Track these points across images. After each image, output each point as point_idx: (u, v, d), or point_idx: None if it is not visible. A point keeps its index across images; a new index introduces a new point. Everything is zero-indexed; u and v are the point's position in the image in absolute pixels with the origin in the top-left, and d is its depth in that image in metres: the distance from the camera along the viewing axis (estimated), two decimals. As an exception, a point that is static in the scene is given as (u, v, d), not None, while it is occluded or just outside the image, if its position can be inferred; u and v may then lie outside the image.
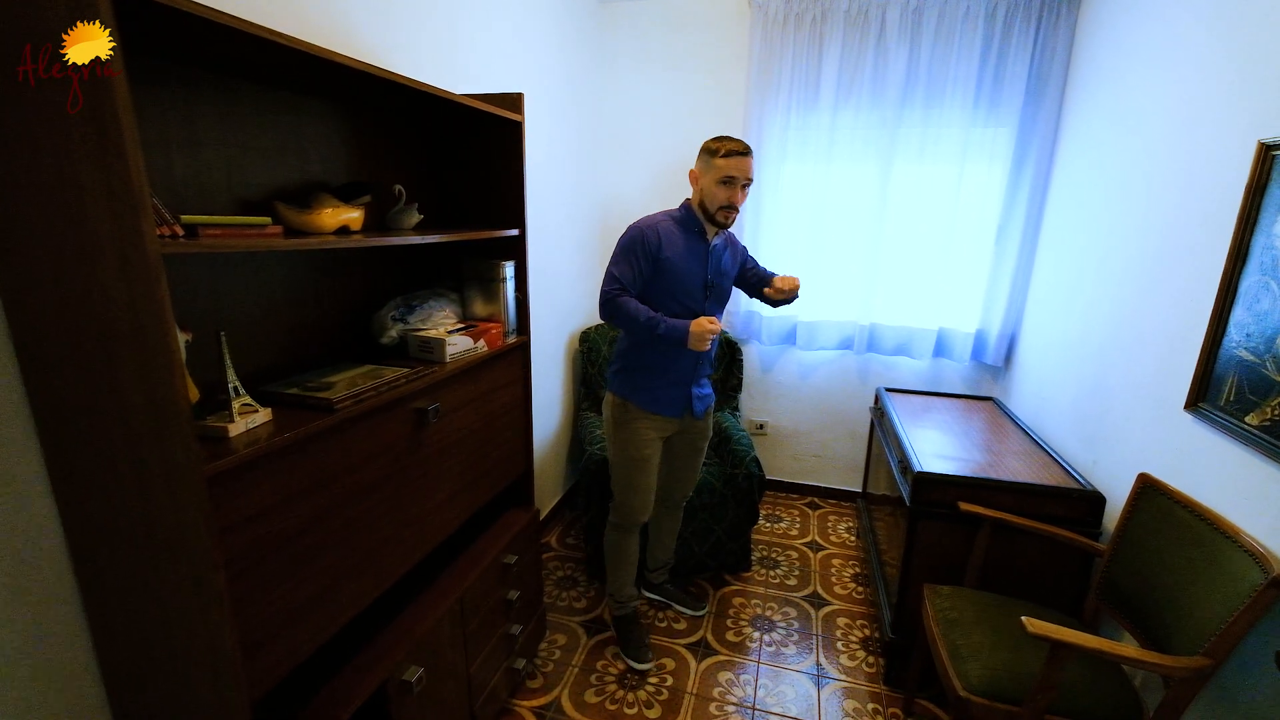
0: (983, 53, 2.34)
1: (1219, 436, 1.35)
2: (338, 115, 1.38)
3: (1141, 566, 1.43)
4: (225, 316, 1.16)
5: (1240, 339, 1.31)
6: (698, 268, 1.76)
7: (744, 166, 1.68)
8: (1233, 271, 1.33)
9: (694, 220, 1.76)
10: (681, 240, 1.73)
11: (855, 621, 2.16)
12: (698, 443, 2.00)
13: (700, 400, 1.91)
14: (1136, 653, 1.18)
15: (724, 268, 1.84)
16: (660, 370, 1.81)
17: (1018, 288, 2.50)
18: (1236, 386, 1.30)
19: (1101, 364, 1.86)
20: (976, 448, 2.02)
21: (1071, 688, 1.29)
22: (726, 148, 1.67)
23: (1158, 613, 1.35)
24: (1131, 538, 1.48)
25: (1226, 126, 1.42)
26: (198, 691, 0.96)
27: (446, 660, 1.42)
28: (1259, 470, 1.23)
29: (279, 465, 0.98)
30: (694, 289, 1.75)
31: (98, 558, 0.96)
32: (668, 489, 2.06)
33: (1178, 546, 1.36)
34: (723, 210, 1.70)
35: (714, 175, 1.68)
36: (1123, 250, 1.82)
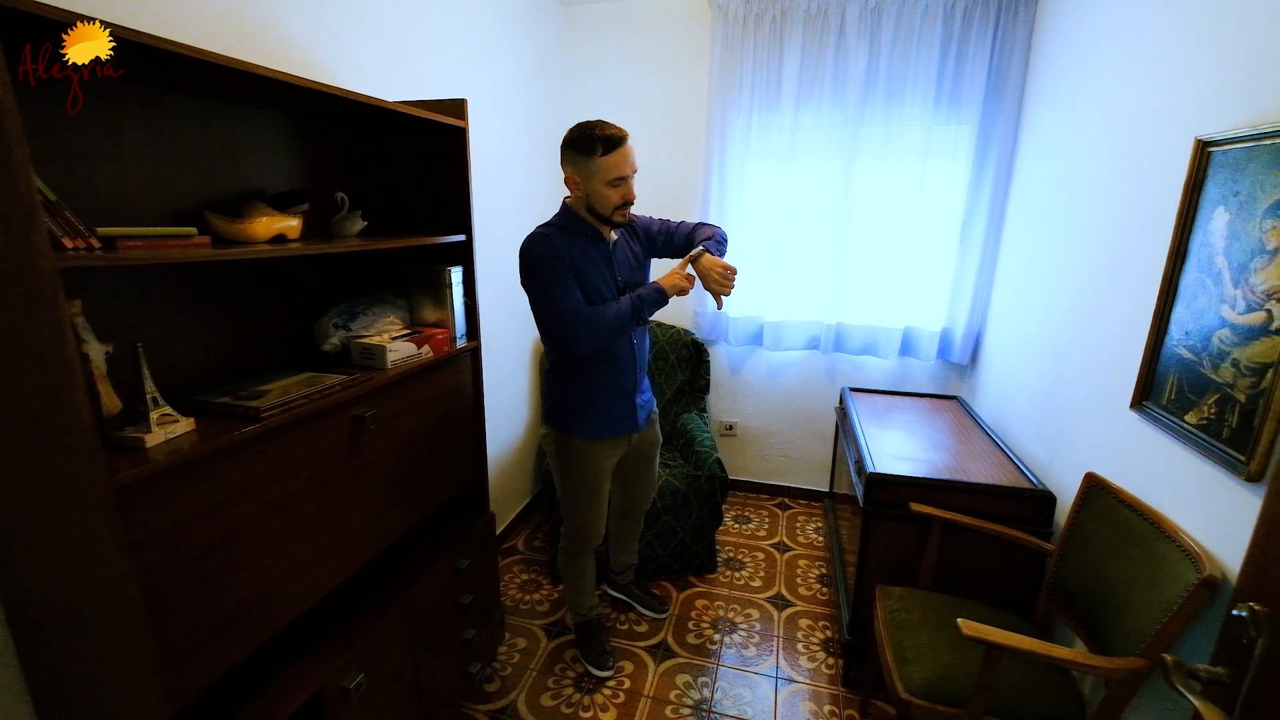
0: (942, 50, 2.34)
1: (1161, 435, 1.35)
2: (275, 124, 1.37)
3: (1087, 566, 1.44)
4: (157, 327, 1.15)
5: (1180, 337, 1.31)
6: (604, 273, 1.59)
7: (629, 159, 1.49)
8: (1173, 269, 1.33)
9: (583, 224, 1.57)
10: (580, 249, 1.55)
11: (818, 623, 2.16)
12: (649, 452, 1.92)
13: (643, 409, 1.79)
14: (1070, 654, 1.18)
15: (632, 262, 1.67)
16: (602, 389, 1.68)
17: (982, 285, 2.50)
18: (1177, 385, 1.30)
19: (1058, 362, 1.87)
20: (936, 448, 2.02)
21: (1014, 690, 1.29)
22: (604, 144, 1.45)
23: (1102, 613, 1.35)
24: (1078, 537, 1.48)
25: (1167, 124, 1.42)
26: (120, 705, 0.95)
27: (393, 665, 1.41)
28: (1198, 469, 1.22)
29: (199, 475, 0.98)
30: (606, 298, 1.58)
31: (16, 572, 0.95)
32: (626, 503, 2.02)
33: (1121, 546, 1.36)
34: (619, 211, 1.53)
35: (600, 177, 1.48)
36: (1076, 248, 1.82)
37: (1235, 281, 1.14)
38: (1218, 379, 1.17)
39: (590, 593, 1.98)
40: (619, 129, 1.48)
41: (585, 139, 1.47)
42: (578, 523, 1.83)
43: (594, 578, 1.98)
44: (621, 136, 1.47)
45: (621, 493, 2.00)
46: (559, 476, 1.80)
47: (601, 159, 1.47)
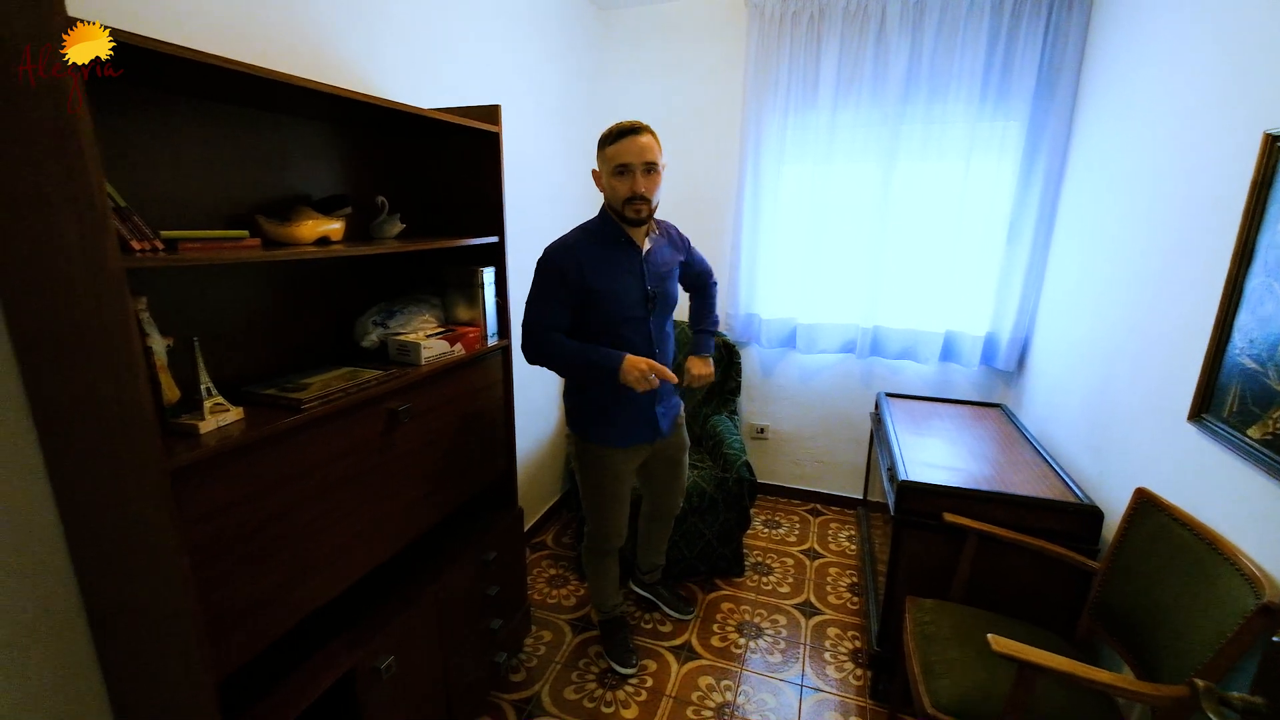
0: (989, 44, 2.25)
1: (1221, 450, 1.26)
2: (321, 131, 1.44)
3: (1136, 587, 1.36)
4: (213, 323, 1.23)
5: (1244, 345, 1.23)
6: (633, 283, 1.56)
7: (634, 148, 1.44)
8: (1237, 272, 1.25)
9: (613, 229, 1.56)
10: (607, 258, 1.54)
11: (846, 632, 2.11)
12: (675, 456, 1.88)
13: (665, 416, 1.75)
14: (1111, 677, 1.12)
15: (664, 271, 1.64)
16: (613, 399, 1.64)
17: (1030, 288, 2.39)
18: (1239, 397, 1.22)
19: (1109, 370, 1.77)
20: (976, 457, 1.95)
21: (1052, 713, 1.23)
22: (612, 135, 1.47)
23: (1150, 636, 1.28)
24: (1127, 556, 1.41)
25: (1232, 118, 1.34)
26: (171, 669, 1.02)
27: (421, 649, 1.46)
28: (1260, 487, 1.14)
29: (247, 460, 1.04)
30: (633, 307, 1.56)
31: (85, 541, 1.04)
32: (654, 507, 1.99)
33: (1173, 567, 1.28)
34: (629, 205, 1.49)
35: (607, 168, 1.50)
36: (1131, 249, 1.72)
37: (1303, 287, 1.06)
38: (1283, 391, 1.09)
39: (614, 592, 1.99)
40: (635, 122, 1.48)
41: (603, 134, 1.51)
42: (598, 524, 1.83)
43: (617, 577, 1.99)
44: (629, 127, 1.47)
45: (649, 496, 1.97)
46: (580, 478, 1.81)
47: (609, 148, 1.48)
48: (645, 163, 1.47)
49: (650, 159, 1.47)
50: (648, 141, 1.47)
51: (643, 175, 1.47)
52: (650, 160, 1.47)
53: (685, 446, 1.91)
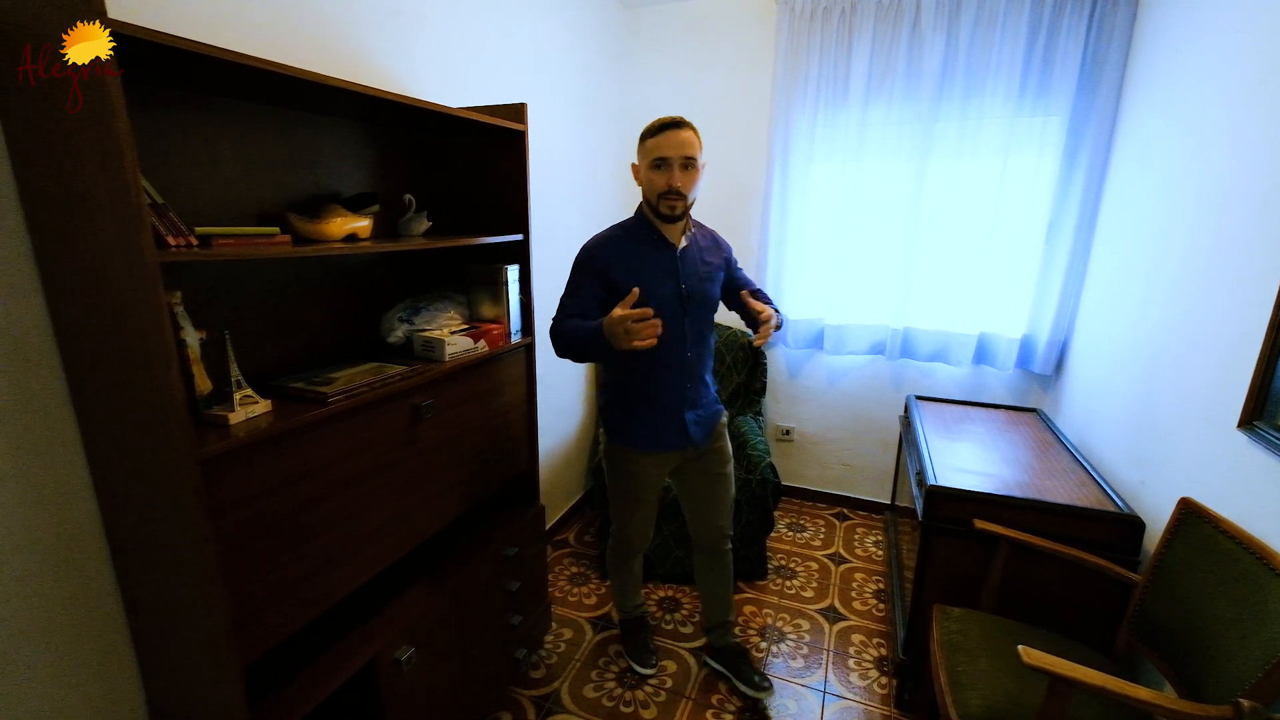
0: (1029, 36, 2.18)
1: (1273, 459, 1.19)
2: (351, 130, 1.47)
3: (1179, 601, 1.29)
4: (245, 318, 1.27)
5: (1296, 349, 1.16)
6: (666, 281, 1.51)
7: (673, 141, 1.41)
8: (1290, 273, 1.19)
9: (648, 226, 1.53)
10: (639, 254, 1.51)
11: (872, 639, 2.06)
12: (714, 469, 1.71)
13: (699, 424, 1.64)
14: (1148, 694, 1.06)
15: (702, 272, 1.57)
16: (644, 399, 1.59)
17: (1070, 289, 2.30)
18: (1290, 403, 1.16)
19: (1153, 374, 1.69)
20: (1009, 463, 1.88)
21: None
22: (654, 128, 1.45)
23: (1194, 653, 1.22)
24: (1169, 568, 1.34)
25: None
26: (199, 653, 1.05)
27: (441, 643, 1.48)
28: (1312, 499, 1.08)
29: (274, 451, 1.07)
30: (665, 306, 1.49)
31: (121, 528, 1.08)
32: (694, 529, 1.81)
33: (1220, 581, 1.22)
34: (664, 200, 1.45)
35: (645, 162, 1.47)
36: (1177, 248, 1.64)
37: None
38: (1340, 397, 1.02)
39: (635, 592, 1.96)
40: (677, 117, 1.45)
41: (645, 128, 1.48)
42: (621, 527, 1.79)
43: (640, 579, 1.97)
44: (670, 121, 1.44)
45: (687, 516, 1.81)
46: (606, 479, 1.77)
47: (648, 141, 1.46)
48: (683, 157, 1.43)
49: (689, 153, 1.43)
50: (688, 136, 1.43)
51: (680, 170, 1.43)
52: (689, 155, 1.43)
53: (726, 459, 1.74)
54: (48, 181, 0.91)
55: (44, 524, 1.03)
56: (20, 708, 1.02)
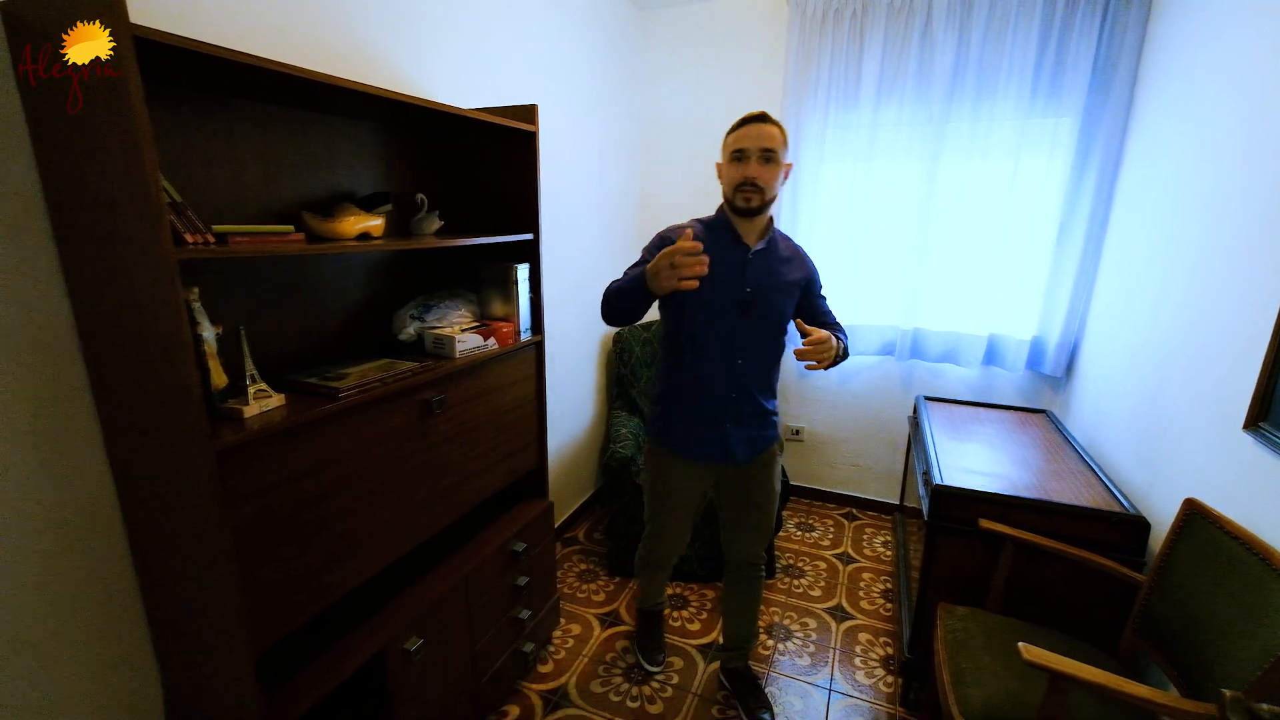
0: (1041, 38, 2.17)
1: (1278, 460, 1.19)
2: (365, 131, 1.50)
3: (1183, 602, 1.29)
4: (260, 313, 1.30)
5: (1302, 350, 1.15)
6: (731, 278, 1.45)
7: (753, 134, 1.39)
8: (1297, 274, 1.18)
9: (726, 223, 1.49)
10: (711, 246, 1.40)
11: (878, 638, 2.07)
12: (751, 495, 1.63)
13: (744, 443, 1.55)
14: (1147, 692, 1.06)
15: (773, 279, 1.48)
16: (688, 400, 1.54)
17: (1080, 291, 2.29)
18: (1296, 404, 1.15)
19: (1162, 376, 1.68)
20: (1017, 464, 1.88)
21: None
22: (738, 122, 1.43)
23: (1197, 652, 1.21)
24: (1174, 569, 1.34)
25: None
26: (215, 642, 1.08)
27: (450, 636, 1.51)
28: (1317, 500, 1.08)
29: (287, 445, 1.09)
30: (724, 304, 1.45)
31: (140, 516, 1.11)
32: (725, 547, 1.77)
33: (1223, 582, 1.21)
34: (739, 191, 1.41)
35: (727, 155, 1.44)
36: (1189, 252, 1.63)
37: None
38: (1344, 397, 1.02)
39: (660, 591, 1.96)
40: (760, 112, 1.42)
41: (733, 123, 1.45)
42: (652, 533, 1.75)
43: (664, 584, 1.97)
44: (755, 115, 1.41)
45: (723, 531, 1.76)
46: (645, 479, 1.72)
47: (729, 135, 1.44)
48: (763, 149, 1.38)
49: (769, 146, 1.38)
50: (770, 130, 1.39)
51: (758, 162, 1.39)
52: (769, 148, 1.38)
53: (770, 491, 1.65)
54: (73, 182, 0.94)
55: (65, 513, 1.06)
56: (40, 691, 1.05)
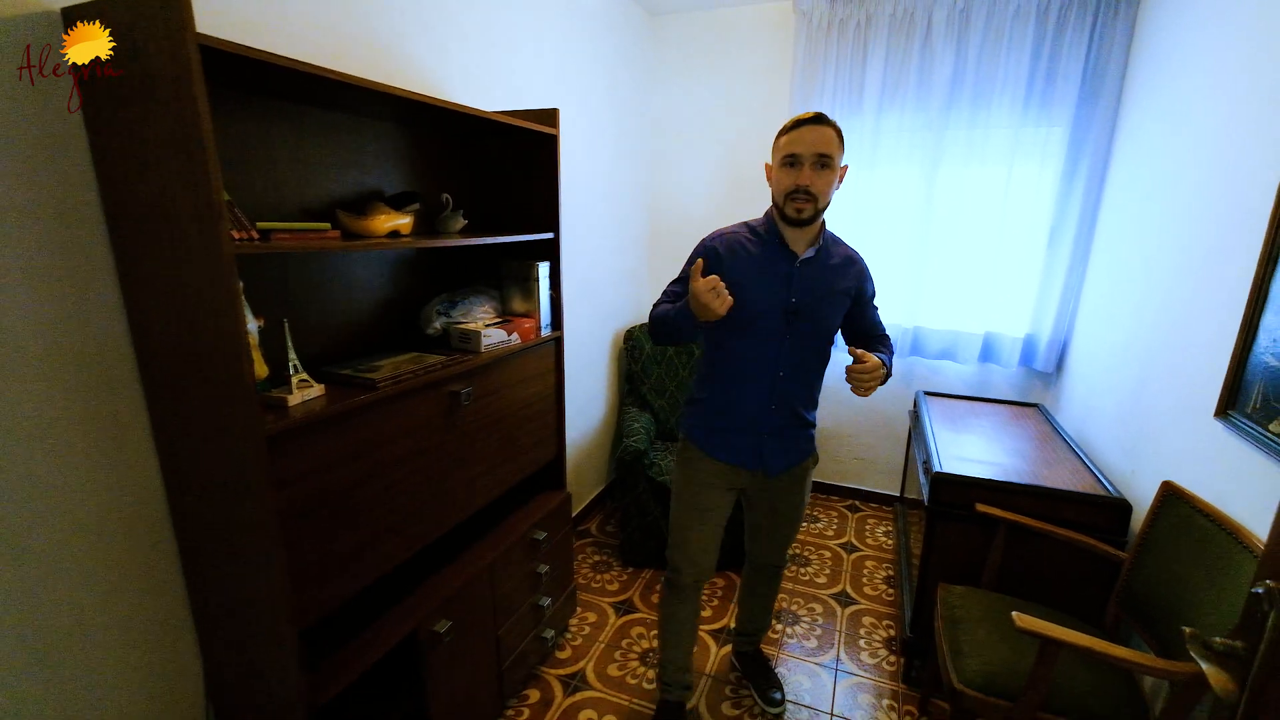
0: (1034, 51, 2.28)
1: (1244, 444, 1.29)
2: (394, 133, 1.57)
3: (1160, 575, 1.39)
4: (296, 307, 1.36)
5: (1268, 344, 1.25)
6: (776, 288, 1.38)
7: (809, 138, 1.28)
8: (1264, 276, 1.27)
9: (773, 229, 1.41)
10: (756, 255, 1.39)
11: (881, 621, 2.16)
12: (780, 506, 1.60)
13: (777, 455, 1.49)
14: (1128, 653, 1.16)
15: (821, 289, 1.40)
16: (726, 409, 1.48)
17: (1070, 291, 2.40)
18: (1262, 393, 1.25)
19: (1144, 371, 1.78)
20: (1011, 454, 1.97)
21: (1075, 690, 1.28)
22: (790, 122, 1.33)
23: (1172, 620, 1.32)
24: (1153, 546, 1.43)
25: (1267, 127, 1.36)
26: (258, 619, 1.14)
27: (476, 620, 1.58)
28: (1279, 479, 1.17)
29: (328, 432, 1.15)
30: (768, 315, 1.38)
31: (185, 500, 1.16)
32: (749, 549, 1.77)
33: (1196, 555, 1.31)
34: (791, 200, 1.31)
35: (778, 159, 1.34)
36: (1169, 255, 1.74)
37: (1327, 284, 1.09)
38: (1306, 385, 1.11)
39: (681, 661, 1.67)
40: (817, 113, 1.32)
41: (783, 125, 1.37)
42: (675, 540, 1.61)
43: (690, 640, 1.68)
44: (809, 117, 1.31)
45: (747, 535, 1.76)
46: (673, 483, 1.63)
47: (782, 138, 1.34)
48: (818, 154, 1.28)
49: (826, 150, 1.28)
50: (827, 133, 1.29)
51: (812, 169, 1.29)
52: (825, 153, 1.28)
53: (798, 504, 1.63)
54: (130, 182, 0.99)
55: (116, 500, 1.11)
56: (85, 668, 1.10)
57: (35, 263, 0.99)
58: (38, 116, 0.96)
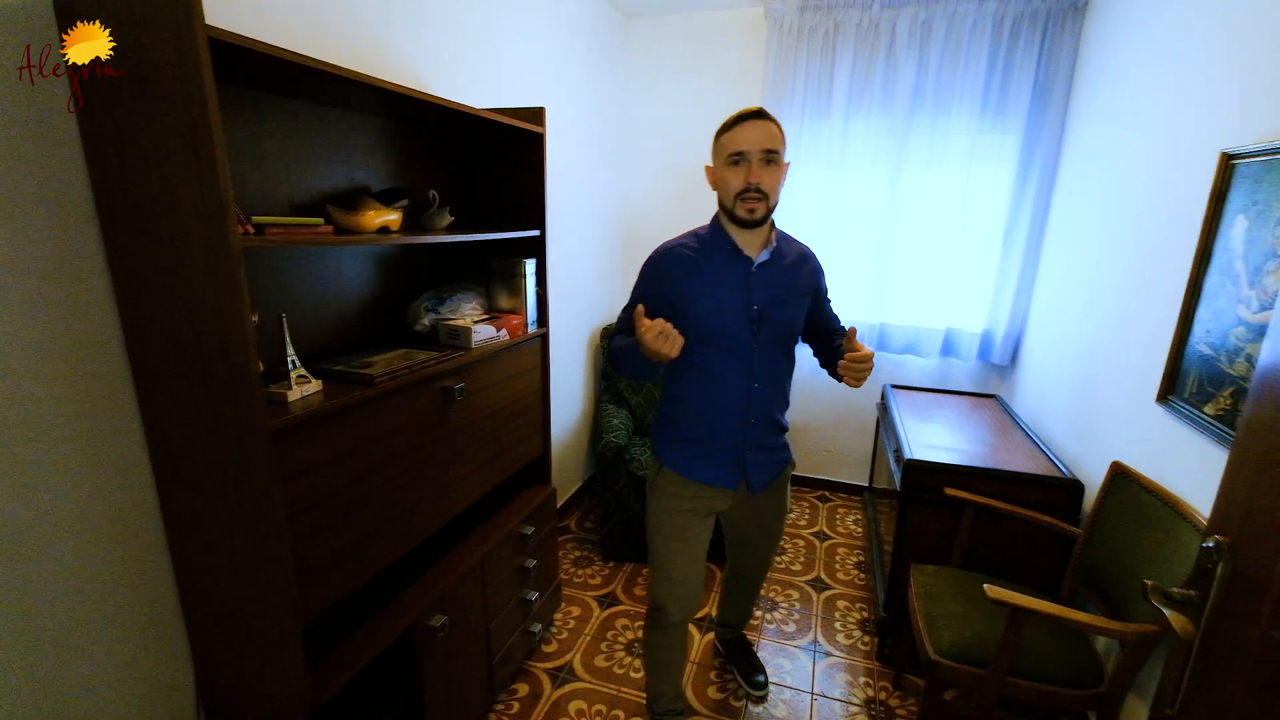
0: (989, 62, 2.42)
1: (1183, 426, 1.42)
2: (381, 128, 1.56)
3: (1111, 547, 1.52)
4: (285, 303, 1.34)
5: (1202, 334, 1.39)
6: (736, 298, 1.33)
7: (753, 134, 1.23)
8: (1198, 272, 1.41)
9: (721, 235, 1.35)
10: (709, 266, 1.33)
11: (854, 605, 2.26)
12: (765, 521, 1.58)
13: (762, 468, 1.45)
14: (1087, 617, 1.27)
15: (782, 291, 1.36)
16: (701, 431, 1.41)
17: (1023, 289, 2.56)
18: (1197, 380, 1.38)
19: (1092, 362, 1.93)
20: (973, 441, 2.10)
21: (1038, 654, 1.39)
22: (732, 120, 1.27)
23: (1121, 588, 1.44)
24: (1103, 521, 1.56)
25: (1197, 137, 1.50)
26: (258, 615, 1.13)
27: (468, 615, 1.59)
28: (1215, 456, 1.30)
29: (328, 427, 1.15)
30: (733, 327, 1.33)
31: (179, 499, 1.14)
32: (734, 565, 1.76)
33: (1141, 528, 1.44)
34: (742, 201, 1.26)
35: (721, 156, 1.29)
36: (1114, 253, 1.89)
37: (1251, 283, 1.22)
38: (1233, 373, 1.25)
39: (670, 680, 1.60)
40: (757, 107, 1.28)
41: (722, 124, 1.30)
42: (656, 576, 1.52)
43: (681, 663, 1.62)
44: (750, 112, 1.26)
45: (730, 553, 1.76)
46: (649, 512, 1.53)
47: (724, 136, 1.28)
48: (764, 151, 1.24)
49: (772, 146, 1.24)
50: (770, 128, 1.25)
51: (760, 165, 1.25)
52: (771, 148, 1.24)
53: (782, 513, 1.61)
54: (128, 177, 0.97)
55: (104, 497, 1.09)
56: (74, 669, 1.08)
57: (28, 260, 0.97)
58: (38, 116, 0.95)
